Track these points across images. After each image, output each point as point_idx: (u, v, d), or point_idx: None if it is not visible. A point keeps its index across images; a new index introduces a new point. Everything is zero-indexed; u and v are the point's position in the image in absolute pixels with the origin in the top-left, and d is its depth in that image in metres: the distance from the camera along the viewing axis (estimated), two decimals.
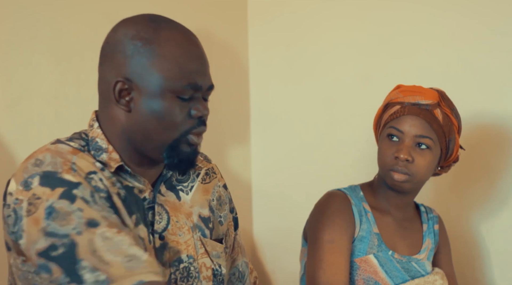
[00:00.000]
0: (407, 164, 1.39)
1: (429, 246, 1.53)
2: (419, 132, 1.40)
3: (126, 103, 1.08)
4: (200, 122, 1.10)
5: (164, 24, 1.10)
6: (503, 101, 1.74)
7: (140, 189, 1.12)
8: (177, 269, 1.15)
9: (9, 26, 1.48)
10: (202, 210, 1.25)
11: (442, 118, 1.42)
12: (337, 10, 2.04)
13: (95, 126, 1.13)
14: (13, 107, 1.50)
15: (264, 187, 2.25)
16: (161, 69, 1.05)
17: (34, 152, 1.07)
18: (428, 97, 1.41)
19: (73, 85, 1.63)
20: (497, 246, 1.78)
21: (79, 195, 0.99)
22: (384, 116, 1.47)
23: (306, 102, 2.13)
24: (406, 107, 1.42)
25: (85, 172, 1.04)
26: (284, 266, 2.18)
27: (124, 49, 1.07)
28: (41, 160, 1.02)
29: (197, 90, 1.09)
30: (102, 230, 0.97)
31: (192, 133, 1.09)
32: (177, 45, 1.07)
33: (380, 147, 1.46)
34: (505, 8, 1.72)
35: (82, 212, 0.98)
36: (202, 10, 2.03)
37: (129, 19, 1.12)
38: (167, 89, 1.06)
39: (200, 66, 1.09)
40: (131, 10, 1.80)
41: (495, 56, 1.73)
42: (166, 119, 1.06)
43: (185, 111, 1.08)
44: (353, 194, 1.49)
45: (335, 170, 2.05)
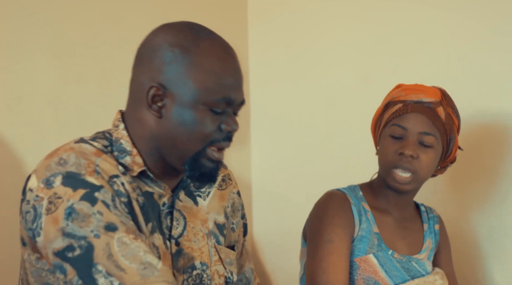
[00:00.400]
0: (412, 160, 1.39)
1: (429, 246, 1.53)
2: (423, 129, 1.40)
3: (158, 109, 1.06)
4: (227, 137, 1.10)
5: (204, 34, 1.08)
6: (503, 101, 1.74)
7: (160, 194, 1.12)
8: (189, 276, 1.14)
9: (9, 26, 1.48)
10: (218, 217, 1.24)
11: (444, 117, 1.42)
12: (337, 10, 2.04)
13: (121, 128, 1.11)
14: (14, 107, 1.50)
15: (264, 187, 2.25)
16: (197, 80, 1.04)
17: (57, 149, 1.06)
18: (431, 95, 1.41)
19: (73, 85, 1.63)
20: (497, 246, 1.78)
21: (100, 198, 0.99)
22: (385, 116, 1.46)
23: (306, 102, 2.13)
24: (409, 105, 1.41)
25: (108, 175, 1.03)
26: (284, 266, 2.18)
27: (162, 55, 1.05)
28: (65, 160, 1.02)
29: (230, 104, 1.08)
30: (120, 235, 0.97)
31: (214, 146, 1.08)
32: (216, 57, 1.06)
33: (382, 145, 1.44)
34: (505, 8, 1.72)
35: (101, 215, 0.97)
36: (202, 10, 2.03)
37: (170, 24, 1.10)
38: (201, 101, 1.04)
39: (236, 80, 1.08)
40: (132, 10, 1.81)
41: (495, 56, 1.73)
42: (196, 131, 1.06)
43: (216, 124, 1.07)
44: (352, 194, 1.49)
45: (335, 170, 2.05)
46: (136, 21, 1.80)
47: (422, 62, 1.86)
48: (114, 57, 1.72)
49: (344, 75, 2.03)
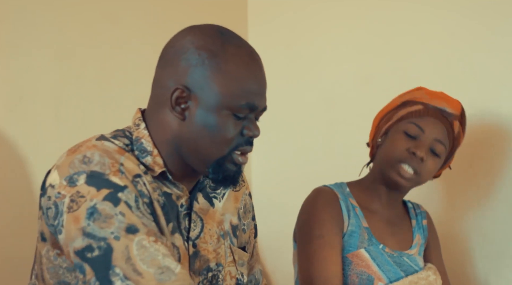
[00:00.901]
0: (420, 162, 1.40)
1: (419, 241, 1.54)
2: (439, 137, 1.41)
3: (181, 111, 1.06)
4: (249, 142, 1.10)
5: (232, 39, 1.08)
6: (502, 101, 1.74)
7: (178, 195, 1.12)
8: (205, 277, 1.15)
9: (9, 26, 1.48)
10: (233, 218, 1.25)
11: (457, 131, 1.44)
12: (337, 10, 2.04)
13: (142, 127, 1.11)
14: (14, 107, 1.50)
15: (264, 187, 2.25)
16: (222, 85, 1.04)
17: (79, 145, 1.06)
18: (453, 107, 1.43)
19: (74, 85, 1.63)
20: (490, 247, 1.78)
21: (123, 199, 0.98)
22: (401, 112, 1.46)
23: (306, 102, 2.13)
24: (431, 109, 1.42)
25: (132, 175, 1.03)
26: (284, 267, 2.17)
27: (188, 57, 1.05)
28: (89, 158, 1.01)
29: (252, 110, 1.08)
30: (140, 238, 0.97)
31: (238, 151, 1.09)
32: (242, 63, 1.06)
33: (392, 140, 1.44)
34: (505, 8, 1.72)
35: (124, 216, 0.97)
36: (202, 10, 2.03)
37: (198, 27, 1.09)
38: (225, 105, 1.05)
39: (260, 87, 1.09)
40: (132, 10, 1.81)
41: (495, 56, 1.74)
42: (218, 135, 1.06)
43: (238, 129, 1.08)
44: (340, 190, 1.50)
45: (335, 171, 2.04)
46: (136, 21, 1.80)
47: (422, 62, 1.86)
48: (114, 57, 1.72)
49: (344, 75, 2.03)
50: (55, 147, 1.17)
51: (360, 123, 1.99)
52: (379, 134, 1.50)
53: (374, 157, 1.53)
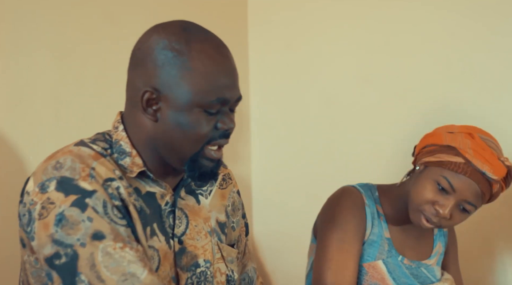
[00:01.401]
0: (442, 219, 1.36)
1: (439, 250, 1.52)
2: (469, 199, 1.35)
3: (153, 112, 1.07)
4: (224, 135, 1.10)
5: (196, 35, 1.07)
6: (503, 101, 1.74)
7: (162, 194, 1.12)
8: (193, 273, 1.15)
9: (9, 26, 1.48)
10: (219, 215, 1.25)
11: (495, 191, 1.38)
12: (337, 10, 2.04)
13: (120, 129, 1.12)
14: (14, 107, 1.49)
15: (264, 187, 2.25)
16: (191, 83, 1.04)
17: (57, 151, 1.07)
18: (496, 173, 1.34)
19: (73, 85, 1.62)
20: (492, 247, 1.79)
21: (90, 204, 0.99)
22: (443, 156, 1.38)
23: (306, 102, 2.13)
24: (470, 168, 1.34)
25: (103, 178, 1.03)
26: (284, 267, 2.18)
27: (155, 59, 1.05)
28: (61, 164, 1.02)
29: (225, 104, 1.08)
30: (106, 244, 0.97)
31: (212, 145, 1.09)
32: (208, 58, 1.05)
33: (423, 184, 1.38)
34: (505, 8, 1.72)
35: (91, 222, 0.98)
36: (202, 10, 2.03)
37: (162, 25, 1.10)
38: (195, 103, 1.04)
39: (230, 79, 1.08)
40: (132, 10, 1.81)
41: (495, 56, 1.73)
42: (191, 133, 1.06)
43: (211, 124, 1.07)
44: (368, 194, 1.46)
45: (335, 170, 2.05)
46: (136, 21, 1.79)
47: (422, 62, 1.86)
48: (114, 57, 1.72)
49: (344, 75, 2.03)
50: (55, 147, 1.17)
51: (360, 123, 2.00)
52: (420, 160, 1.43)
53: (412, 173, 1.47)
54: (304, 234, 1.76)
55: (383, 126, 1.95)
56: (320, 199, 1.53)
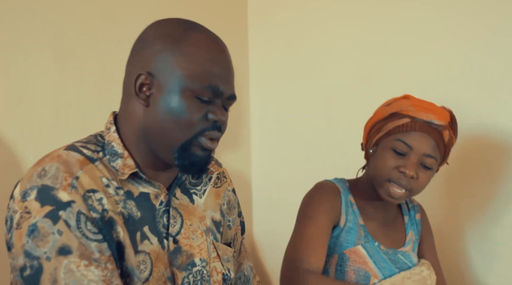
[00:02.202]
0: (411, 180, 1.39)
1: (412, 238, 1.54)
2: (428, 152, 1.38)
3: (145, 97, 1.07)
4: (215, 127, 1.09)
5: (195, 27, 1.09)
6: (503, 101, 1.74)
7: (156, 194, 1.12)
8: (190, 272, 1.15)
9: (9, 26, 1.48)
10: (215, 214, 1.25)
11: (447, 139, 1.41)
12: (337, 10, 2.04)
13: (112, 130, 1.12)
14: (14, 107, 1.50)
15: (264, 187, 2.25)
16: (184, 68, 1.04)
17: (46, 155, 1.07)
18: (441, 118, 1.39)
19: (73, 85, 1.63)
20: (490, 246, 1.79)
21: (63, 217, 0.99)
22: (389, 125, 1.43)
23: (306, 102, 2.13)
24: (417, 123, 1.39)
25: (85, 189, 1.03)
26: None
27: (152, 45, 1.06)
28: (46, 171, 1.02)
29: (217, 95, 1.07)
30: (70, 260, 0.97)
31: (205, 136, 1.08)
32: (205, 48, 1.06)
33: (381, 156, 1.42)
34: (505, 8, 1.72)
35: (60, 235, 0.98)
36: (202, 10, 2.03)
37: (163, 19, 1.11)
38: (187, 88, 1.04)
39: (224, 72, 1.08)
40: (132, 10, 1.81)
41: (495, 56, 1.74)
42: (181, 118, 1.05)
43: (202, 113, 1.07)
44: (341, 185, 1.51)
45: (335, 170, 2.05)
46: (136, 21, 1.79)
47: (422, 62, 1.86)
48: (114, 57, 1.72)
49: (344, 75, 2.03)
50: (55, 147, 1.17)
51: (360, 123, 1.99)
52: (370, 143, 1.49)
53: (368, 162, 1.52)
54: None
55: None
56: None
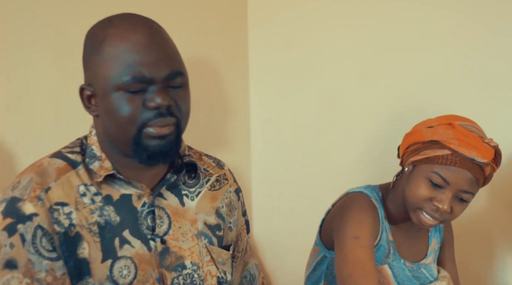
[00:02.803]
0: (443, 213, 1.36)
1: (435, 247, 1.52)
2: (465, 188, 1.34)
3: (94, 109, 1.07)
4: (159, 114, 1.03)
5: (116, 20, 1.07)
6: (502, 101, 1.74)
7: (139, 194, 1.12)
8: (180, 274, 1.14)
9: (9, 26, 1.48)
10: (208, 217, 1.23)
11: (488, 173, 1.36)
12: (337, 10, 2.04)
13: (93, 134, 1.13)
14: (13, 107, 1.49)
15: (264, 187, 2.25)
16: (107, 68, 1.03)
17: (33, 163, 1.09)
18: (484, 156, 1.33)
19: (73, 85, 1.61)
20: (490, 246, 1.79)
21: (20, 231, 0.99)
22: (428, 152, 1.37)
23: (306, 102, 2.13)
24: (458, 158, 1.32)
25: (52, 202, 1.03)
26: (284, 266, 2.18)
27: (84, 55, 1.07)
28: (20, 182, 1.04)
29: (147, 81, 1.02)
30: (14, 276, 0.97)
31: (150, 126, 1.04)
32: (121, 39, 1.03)
33: (416, 183, 1.37)
34: (505, 8, 1.72)
35: (12, 248, 0.98)
36: (202, 10, 2.03)
37: (95, 24, 1.11)
38: (114, 86, 1.02)
39: (147, 56, 1.02)
40: (131, 10, 1.80)
41: (495, 56, 1.73)
42: (117, 117, 1.03)
43: (138, 104, 1.02)
44: (374, 196, 1.45)
45: (335, 170, 2.05)
46: None
47: (422, 62, 1.86)
48: None
49: (344, 74, 2.03)
50: (55, 147, 1.17)
51: (360, 123, 1.99)
52: (407, 160, 1.43)
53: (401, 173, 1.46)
54: (304, 234, 1.76)
55: (383, 126, 1.95)
56: (320, 199, 1.53)
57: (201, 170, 1.25)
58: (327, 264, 1.48)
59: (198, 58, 1.99)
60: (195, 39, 1.97)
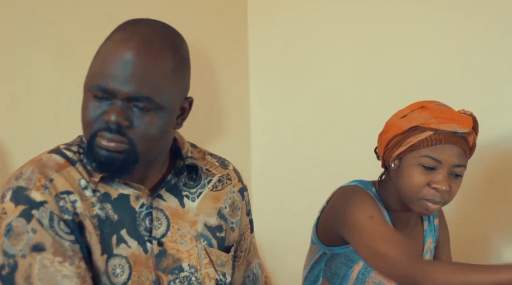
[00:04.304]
0: (444, 193, 1.35)
1: (430, 246, 1.52)
2: (457, 162, 1.35)
3: None
4: (107, 128, 1.02)
5: (127, 25, 1.07)
6: (502, 101, 1.74)
7: (137, 195, 1.11)
8: (176, 277, 1.13)
9: (9, 26, 1.48)
10: (209, 219, 1.21)
11: (472, 142, 1.38)
12: (337, 9, 2.04)
13: None
14: (13, 107, 1.50)
15: (264, 187, 2.25)
16: (91, 66, 1.05)
17: (31, 159, 1.09)
18: (465, 125, 1.35)
19: (73, 85, 1.62)
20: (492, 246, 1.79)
21: (36, 216, 1.00)
22: (411, 139, 1.37)
23: (306, 101, 2.13)
24: (442, 135, 1.33)
25: (58, 191, 1.03)
26: (284, 266, 2.18)
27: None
28: (22, 174, 1.04)
29: (110, 94, 1.01)
30: (44, 256, 0.99)
31: (99, 136, 1.03)
32: (111, 45, 1.03)
33: (409, 174, 1.37)
34: (505, 8, 1.72)
35: (34, 233, 0.99)
36: (202, 10, 2.03)
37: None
38: (86, 87, 1.04)
39: (121, 71, 1.01)
40: (131, 9, 1.81)
41: (495, 56, 1.73)
42: (83, 117, 1.05)
43: (98, 112, 1.03)
44: (370, 190, 1.45)
45: (335, 170, 2.05)
46: None
47: (422, 62, 1.86)
48: None
49: (344, 75, 2.03)
50: None
51: (360, 123, 1.99)
52: (390, 157, 1.42)
53: (387, 171, 1.46)
54: (304, 234, 1.75)
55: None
56: (320, 198, 1.53)
57: (202, 170, 1.24)
58: (326, 261, 1.48)
59: (198, 58, 1.99)
60: (195, 39, 1.97)
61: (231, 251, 1.25)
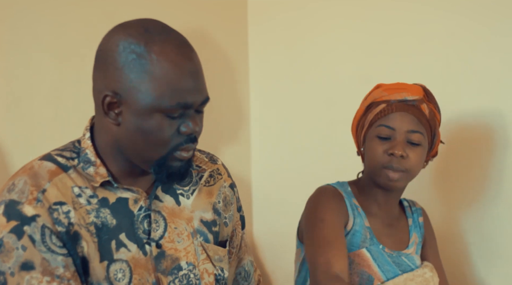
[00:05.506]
0: (402, 160, 1.39)
1: (416, 240, 1.54)
2: (410, 128, 1.40)
3: (115, 116, 1.05)
4: (189, 139, 1.07)
5: (157, 35, 1.03)
6: (502, 101, 1.74)
7: (136, 198, 1.12)
8: (176, 277, 1.14)
9: (9, 26, 1.48)
10: (205, 214, 1.23)
11: (428, 113, 1.43)
12: (337, 9, 2.04)
13: (87, 137, 1.12)
14: (13, 107, 1.50)
15: (264, 187, 2.25)
16: (150, 88, 1.01)
17: (22, 167, 1.08)
18: (414, 93, 1.42)
19: (73, 85, 1.63)
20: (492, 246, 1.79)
21: (28, 232, 1.00)
22: (369, 116, 1.45)
23: (306, 102, 2.13)
24: (393, 104, 1.42)
25: (51, 202, 1.03)
26: (284, 266, 2.18)
27: (114, 61, 1.02)
28: (14, 185, 1.03)
29: (188, 108, 1.04)
30: (33, 276, 0.99)
31: (180, 150, 1.06)
32: (169, 61, 1.01)
33: (369, 147, 1.44)
34: (505, 8, 1.72)
35: (24, 251, 0.99)
36: (202, 10, 2.03)
37: (123, 25, 1.06)
38: (156, 108, 1.02)
39: (193, 83, 1.04)
40: (131, 9, 1.81)
41: (495, 56, 1.73)
42: (153, 138, 1.04)
43: (174, 128, 1.05)
44: (343, 189, 1.50)
45: (335, 170, 2.04)
46: None
47: (422, 62, 1.86)
48: None
49: (344, 74, 2.03)
50: (55, 147, 1.17)
51: None
52: (360, 143, 1.50)
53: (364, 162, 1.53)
54: None
55: None
56: None
57: (193, 167, 1.25)
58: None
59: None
60: (195, 39, 1.97)
61: (226, 246, 1.26)
